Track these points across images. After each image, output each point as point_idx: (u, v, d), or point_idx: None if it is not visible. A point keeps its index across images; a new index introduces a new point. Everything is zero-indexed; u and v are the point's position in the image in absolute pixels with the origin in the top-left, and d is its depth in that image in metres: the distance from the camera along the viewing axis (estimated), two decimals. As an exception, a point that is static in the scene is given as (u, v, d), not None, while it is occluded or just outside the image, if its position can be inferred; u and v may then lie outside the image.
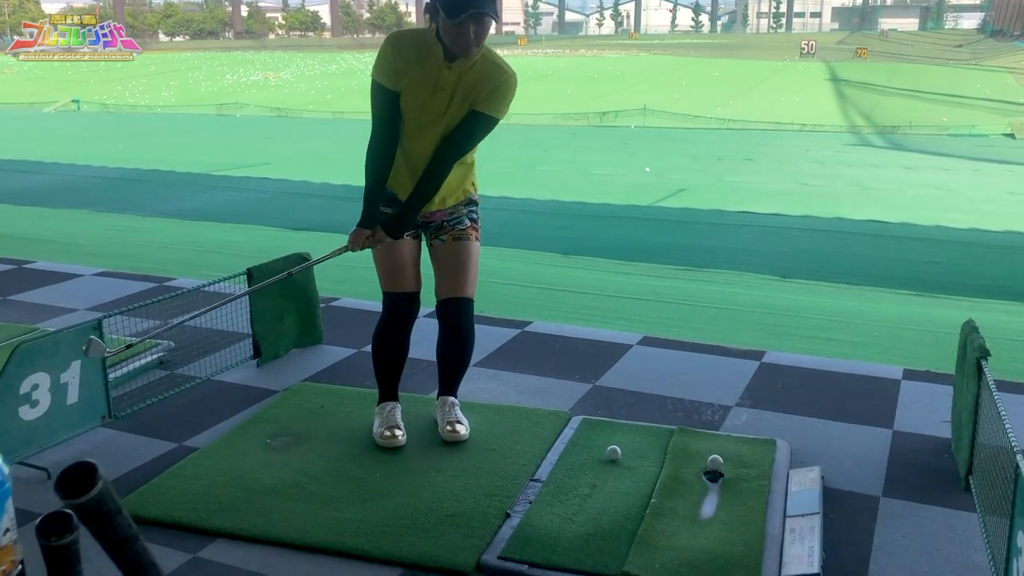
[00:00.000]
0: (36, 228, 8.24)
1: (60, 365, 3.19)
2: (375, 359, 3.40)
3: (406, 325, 3.34)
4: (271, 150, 16.03)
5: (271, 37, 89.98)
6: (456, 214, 3.25)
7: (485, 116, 3.03)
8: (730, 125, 19.89)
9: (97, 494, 1.12)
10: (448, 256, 3.25)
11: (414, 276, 3.30)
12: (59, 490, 1.14)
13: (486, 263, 3.54)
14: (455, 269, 3.25)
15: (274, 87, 31.84)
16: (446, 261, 3.25)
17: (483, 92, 3.00)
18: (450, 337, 3.35)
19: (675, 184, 11.40)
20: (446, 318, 3.31)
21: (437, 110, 3.02)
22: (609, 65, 35.73)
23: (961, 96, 24.58)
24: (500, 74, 3.02)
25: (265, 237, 7.81)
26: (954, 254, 7.42)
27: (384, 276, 3.28)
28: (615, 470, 3.08)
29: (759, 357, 4.26)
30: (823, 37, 58.41)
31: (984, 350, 2.83)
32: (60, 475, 1.15)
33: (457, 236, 3.23)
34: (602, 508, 2.82)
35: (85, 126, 21.51)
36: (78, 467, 1.14)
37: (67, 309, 5.07)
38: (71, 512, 1.16)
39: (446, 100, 3.01)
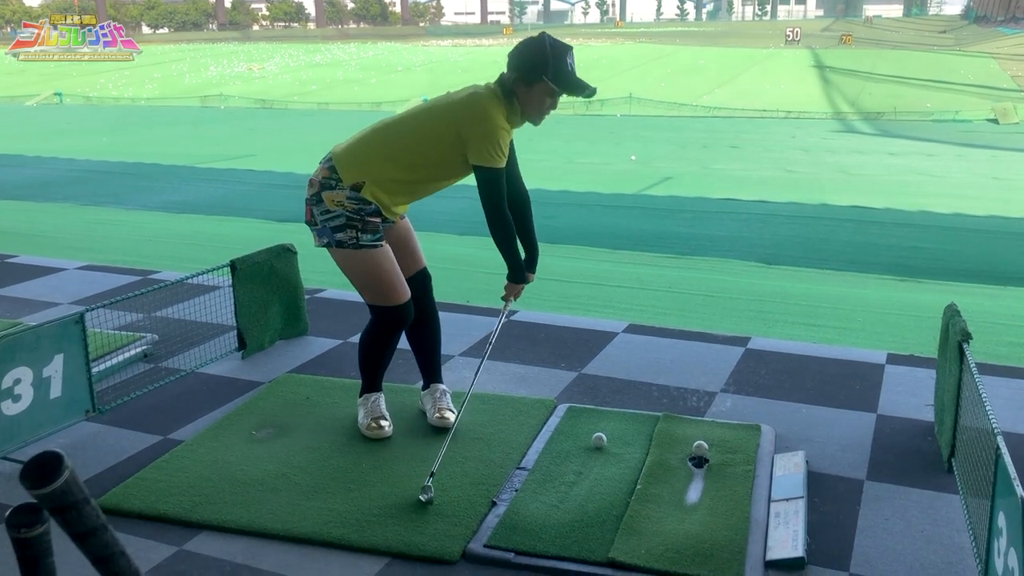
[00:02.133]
0: (18, 222, 8.18)
1: (43, 359, 3.17)
2: (369, 358, 3.32)
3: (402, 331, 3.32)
4: (256, 142, 15.94)
5: (255, 28, 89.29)
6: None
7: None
8: (716, 113, 19.91)
9: (63, 483, 1.11)
10: (404, 232, 3.28)
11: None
12: (24, 480, 1.14)
13: (471, 252, 3.56)
14: (412, 243, 3.32)
15: (259, 79, 31.62)
16: (403, 238, 3.27)
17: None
18: (424, 315, 3.33)
19: (661, 172, 11.41)
20: (419, 295, 3.29)
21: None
22: (595, 54, 35.64)
23: (945, 82, 24.67)
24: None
25: (250, 229, 7.78)
26: (938, 239, 7.45)
27: (386, 291, 3.11)
28: (601, 457, 3.08)
29: (744, 343, 4.27)
30: (808, 24, 58.53)
31: (966, 333, 2.84)
32: (26, 465, 1.15)
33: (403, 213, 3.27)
34: (588, 495, 2.83)
35: (68, 119, 21.33)
36: (44, 456, 1.13)
37: (50, 303, 5.04)
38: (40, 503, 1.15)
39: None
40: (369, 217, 3.03)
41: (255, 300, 4.16)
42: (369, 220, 3.03)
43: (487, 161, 2.94)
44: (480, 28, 75.37)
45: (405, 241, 3.28)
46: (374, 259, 3.05)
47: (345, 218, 3.01)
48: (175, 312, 4.65)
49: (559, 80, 2.97)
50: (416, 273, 3.30)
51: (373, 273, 3.08)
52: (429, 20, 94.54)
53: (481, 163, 2.94)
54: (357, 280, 3.12)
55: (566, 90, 3.01)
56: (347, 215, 3.01)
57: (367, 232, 3.03)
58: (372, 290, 3.12)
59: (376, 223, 3.06)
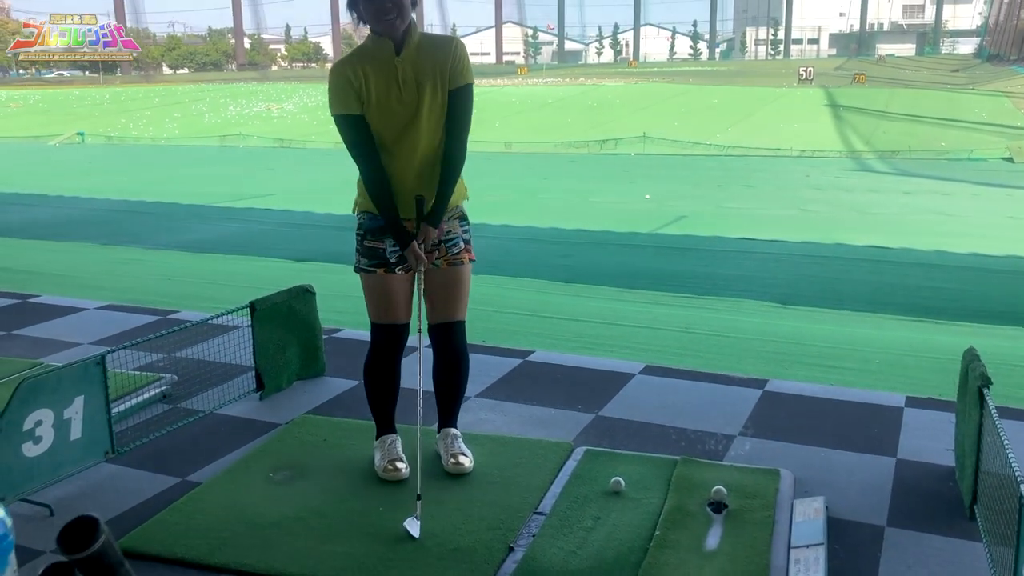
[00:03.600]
0: (41, 262, 8.28)
1: (64, 401, 3.19)
2: (369, 393, 3.40)
3: (398, 355, 3.35)
4: (274, 181, 16.13)
5: (274, 68, 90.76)
6: (452, 234, 3.25)
7: (467, 87, 3.13)
8: (729, 151, 19.99)
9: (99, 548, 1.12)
10: (443, 282, 3.26)
11: (406, 307, 3.30)
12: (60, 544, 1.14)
13: (488, 292, 3.58)
14: (450, 295, 3.27)
15: (277, 118, 32.06)
16: (441, 287, 3.26)
17: (448, 67, 3.07)
18: (446, 363, 3.36)
19: (675, 211, 11.44)
20: (441, 343, 3.33)
21: (411, 103, 3.05)
22: (609, 93, 35.94)
23: (959, 120, 24.71)
24: (450, 43, 3.13)
25: (268, 268, 7.85)
26: (955, 279, 7.43)
27: (379, 308, 3.26)
28: (619, 502, 3.07)
29: (761, 386, 4.25)
30: (821, 63, 58.80)
31: (986, 378, 2.83)
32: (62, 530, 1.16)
33: (452, 261, 3.24)
34: (606, 541, 2.81)
35: (90, 159, 21.64)
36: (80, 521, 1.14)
37: (71, 343, 5.08)
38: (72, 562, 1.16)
39: (414, 90, 3.05)
40: (368, 243, 3.19)
41: (273, 341, 4.19)
42: (368, 246, 3.20)
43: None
44: (496, 68, 76.11)
45: (438, 288, 3.26)
46: (367, 281, 3.25)
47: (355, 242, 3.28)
48: (194, 352, 4.68)
49: None
50: (442, 323, 3.30)
51: (371, 290, 3.27)
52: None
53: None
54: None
55: None
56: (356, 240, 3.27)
57: (365, 256, 3.23)
58: (369, 303, 3.31)
59: (376, 248, 3.18)
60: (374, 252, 3.20)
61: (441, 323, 3.29)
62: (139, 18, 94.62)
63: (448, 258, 3.24)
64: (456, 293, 3.27)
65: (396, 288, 3.24)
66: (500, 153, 21.25)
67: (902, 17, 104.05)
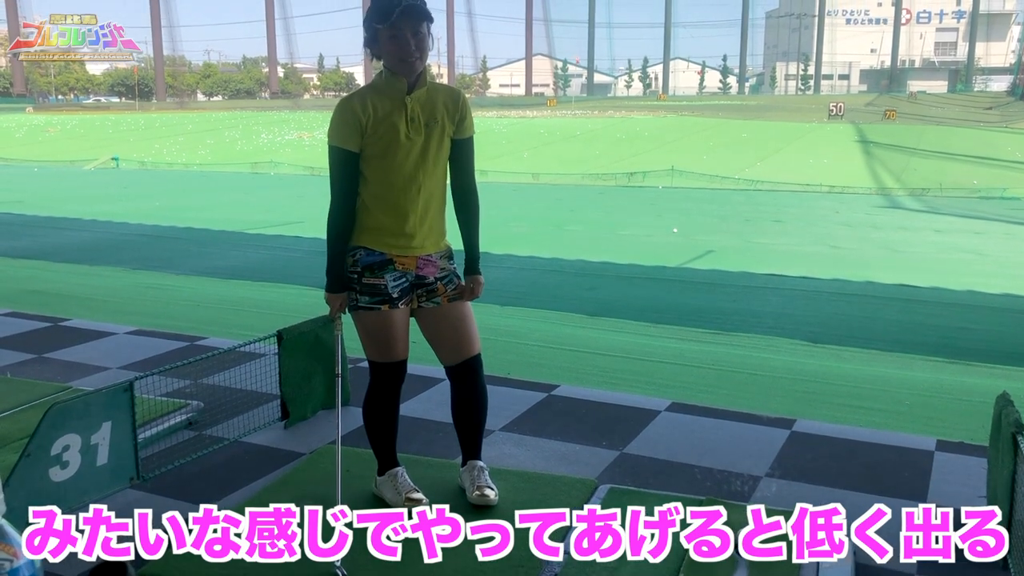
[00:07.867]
0: (72, 285, 8.40)
1: (91, 426, 3.22)
2: (373, 430, 3.37)
3: (399, 391, 3.34)
4: (304, 209, 16.29)
5: (306, 97, 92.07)
6: (446, 271, 3.24)
7: (471, 139, 3.24)
8: (758, 186, 19.94)
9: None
10: (449, 319, 3.24)
11: (406, 344, 3.28)
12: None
13: (512, 323, 3.56)
14: (460, 331, 3.26)
15: (308, 146, 32.46)
16: (448, 325, 3.25)
17: (456, 117, 3.15)
18: (469, 400, 3.35)
19: (703, 245, 11.41)
20: (461, 381, 3.31)
21: (417, 141, 3.08)
22: (637, 126, 36.06)
23: (992, 158, 24.50)
24: (460, 95, 3.22)
25: (297, 296, 7.90)
26: (987, 320, 7.32)
27: (380, 347, 3.21)
28: (642, 542, 3.02)
29: (789, 425, 4.20)
30: (851, 99, 58.68)
31: (1020, 425, 2.77)
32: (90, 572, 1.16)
33: (453, 297, 3.24)
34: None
35: (123, 183, 22.01)
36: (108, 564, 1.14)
37: (100, 368, 5.14)
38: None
39: (421, 129, 3.08)
40: (367, 280, 3.12)
41: (299, 370, 4.21)
42: (368, 283, 3.13)
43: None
44: (525, 100, 76.80)
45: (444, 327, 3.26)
46: (369, 319, 3.17)
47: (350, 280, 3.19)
48: (220, 379, 4.72)
49: (375, 16, 3.00)
50: (460, 362, 3.30)
51: (370, 328, 3.20)
52: (475, 92, 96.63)
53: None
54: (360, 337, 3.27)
55: (383, 16, 2.96)
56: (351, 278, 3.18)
57: (365, 294, 3.15)
58: (366, 342, 3.25)
59: (377, 284, 3.12)
60: (375, 289, 3.14)
61: (461, 362, 3.28)
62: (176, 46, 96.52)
63: (448, 294, 3.24)
64: (466, 328, 3.27)
65: (399, 323, 3.20)
66: (528, 184, 21.36)
67: (934, 54, 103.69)
